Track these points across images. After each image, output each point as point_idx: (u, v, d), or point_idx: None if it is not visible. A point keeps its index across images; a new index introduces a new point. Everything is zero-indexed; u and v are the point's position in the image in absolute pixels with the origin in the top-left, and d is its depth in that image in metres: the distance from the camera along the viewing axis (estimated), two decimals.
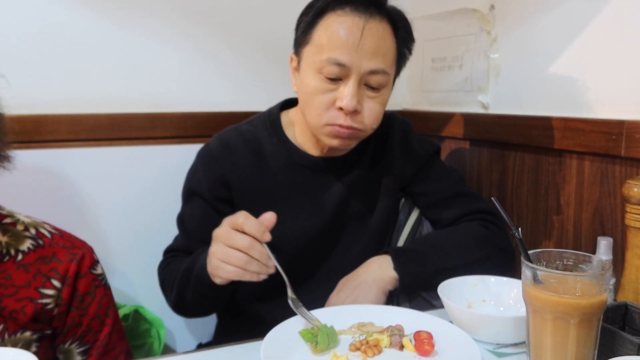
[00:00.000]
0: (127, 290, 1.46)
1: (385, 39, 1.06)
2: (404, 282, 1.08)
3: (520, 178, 1.34)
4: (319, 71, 1.05)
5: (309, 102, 1.08)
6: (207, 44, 1.50)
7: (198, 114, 1.50)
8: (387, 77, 1.08)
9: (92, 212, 1.43)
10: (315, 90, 1.06)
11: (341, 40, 1.03)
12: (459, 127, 1.52)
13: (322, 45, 1.05)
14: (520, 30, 1.33)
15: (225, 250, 0.91)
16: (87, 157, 1.40)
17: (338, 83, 1.05)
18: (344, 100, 1.03)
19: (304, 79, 1.08)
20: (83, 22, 1.37)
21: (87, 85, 1.40)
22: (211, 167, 1.17)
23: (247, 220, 0.90)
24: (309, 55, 1.07)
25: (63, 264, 1.00)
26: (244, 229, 0.89)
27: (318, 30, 1.06)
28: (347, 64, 1.03)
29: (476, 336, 0.89)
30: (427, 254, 1.11)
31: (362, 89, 1.06)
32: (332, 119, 1.06)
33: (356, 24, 1.03)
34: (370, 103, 1.08)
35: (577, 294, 0.73)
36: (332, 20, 1.04)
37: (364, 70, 1.04)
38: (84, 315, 1.04)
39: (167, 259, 1.20)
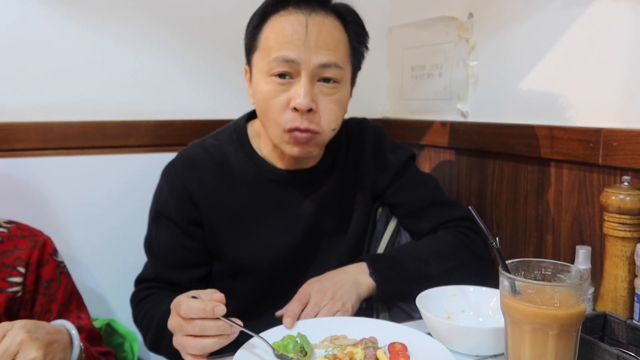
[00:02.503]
0: (99, 303, 1.42)
1: (332, 33, 1.04)
2: (380, 289, 1.06)
3: (500, 186, 1.34)
4: (269, 73, 1.02)
5: (265, 108, 1.05)
6: (182, 52, 1.48)
7: (174, 121, 1.47)
8: (341, 72, 1.04)
9: (63, 223, 1.39)
10: (268, 94, 1.03)
11: (286, 37, 1.01)
12: (438, 135, 1.52)
13: (269, 47, 1.03)
14: (499, 37, 1.33)
15: (182, 341, 0.84)
16: (59, 167, 1.37)
17: (290, 82, 1.02)
18: (297, 98, 1.00)
19: (257, 86, 1.06)
20: (53, 29, 1.34)
21: (58, 93, 1.37)
22: (176, 186, 1.12)
23: (189, 304, 0.82)
24: (259, 60, 1.05)
25: (25, 251, 1.01)
26: (190, 315, 0.82)
27: (264, 33, 1.04)
28: (295, 59, 1.00)
29: (455, 348, 0.88)
30: (403, 262, 1.09)
31: (316, 86, 1.03)
32: (289, 122, 1.02)
33: (299, 20, 1.02)
34: (325, 101, 1.04)
35: (556, 304, 0.71)
36: (276, 21, 1.03)
37: (314, 65, 1.01)
38: (52, 302, 1.04)
39: (139, 292, 1.14)
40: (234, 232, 1.11)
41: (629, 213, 0.94)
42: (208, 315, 0.81)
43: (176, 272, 1.10)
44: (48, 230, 1.34)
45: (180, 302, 0.83)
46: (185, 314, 0.82)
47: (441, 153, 1.54)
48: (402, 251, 1.15)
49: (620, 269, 0.96)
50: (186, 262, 1.12)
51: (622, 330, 0.84)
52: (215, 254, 1.13)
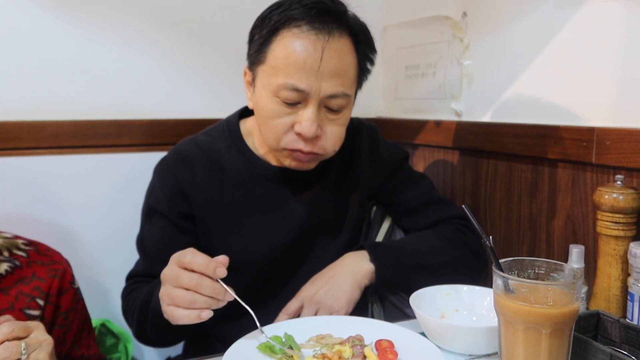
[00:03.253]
0: (93, 303, 1.39)
1: (345, 58, 1.00)
2: (379, 275, 1.06)
3: (494, 185, 1.34)
4: (275, 94, 0.99)
5: (266, 124, 1.02)
6: (175, 51, 1.47)
7: (167, 120, 1.46)
8: (348, 99, 1.03)
9: (56, 222, 1.38)
10: (272, 114, 1.00)
11: (298, 63, 0.96)
12: (432, 134, 1.52)
13: (277, 68, 0.98)
14: (492, 37, 1.33)
15: (171, 291, 0.82)
16: (51, 166, 1.35)
17: (296, 107, 1.00)
18: (303, 125, 0.98)
19: (260, 101, 1.03)
20: (45, 28, 1.33)
21: (50, 92, 1.35)
22: (169, 182, 1.11)
23: (195, 257, 0.82)
24: (264, 76, 1.01)
25: (45, 282, 0.95)
26: (192, 267, 0.81)
27: (273, 50, 0.99)
28: (305, 89, 0.97)
29: (448, 347, 0.88)
30: (403, 249, 1.10)
31: (322, 112, 1.01)
32: (290, 144, 1.01)
33: (314, 45, 0.96)
34: (330, 126, 1.03)
35: (549, 303, 0.71)
36: (288, 40, 0.97)
37: (324, 95, 0.98)
38: (67, 333, 1.00)
39: (130, 286, 1.13)
40: (225, 229, 1.11)
41: (622, 212, 0.94)
42: (208, 273, 0.80)
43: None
44: (39, 230, 1.33)
45: (185, 253, 0.82)
46: (188, 263, 0.81)
47: (435, 152, 1.54)
48: (401, 241, 1.16)
49: (613, 268, 0.96)
50: None
51: (616, 329, 0.84)
52: (207, 251, 1.12)
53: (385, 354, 0.83)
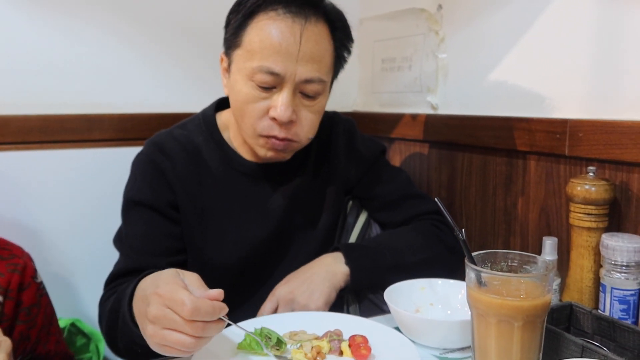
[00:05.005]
0: (62, 302, 1.37)
1: (322, 44, 1.00)
2: (355, 277, 1.05)
3: (469, 179, 1.34)
4: (250, 78, 0.98)
5: (241, 110, 1.01)
6: (144, 44, 1.45)
7: (137, 115, 1.44)
8: (324, 85, 1.02)
9: (22, 220, 1.34)
10: (247, 98, 0.99)
11: (274, 47, 0.95)
12: (408, 128, 1.51)
13: (253, 51, 0.97)
14: (468, 30, 1.32)
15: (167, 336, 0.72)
16: (17, 162, 1.32)
17: (271, 91, 0.99)
18: (278, 110, 0.98)
19: (235, 85, 1.01)
20: (10, 21, 1.30)
21: (16, 86, 1.32)
22: (150, 172, 1.08)
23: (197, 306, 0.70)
24: (240, 60, 1.00)
25: (4, 277, 0.93)
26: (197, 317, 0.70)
27: (249, 33, 0.98)
28: (281, 72, 0.96)
29: (422, 341, 0.87)
30: (378, 251, 1.09)
31: (297, 97, 1.00)
32: (266, 130, 1.01)
33: (291, 29, 0.96)
34: (305, 112, 1.02)
35: (521, 295, 0.71)
36: (264, 23, 0.97)
37: (299, 79, 0.98)
38: (32, 328, 0.97)
39: (107, 292, 1.04)
40: (203, 225, 1.09)
41: (594, 203, 0.95)
42: (214, 318, 0.72)
43: (154, 259, 1.03)
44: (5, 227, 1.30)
45: (181, 301, 0.70)
46: (190, 315, 0.70)
47: (411, 146, 1.53)
48: (377, 241, 1.14)
49: (585, 260, 0.96)
50: (166, 249, 1.06)
51: (588, 320, 0.84)
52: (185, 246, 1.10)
53: (359, 349, 0.82)
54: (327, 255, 1.09)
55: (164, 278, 0.76)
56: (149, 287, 0.78)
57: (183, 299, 0.70)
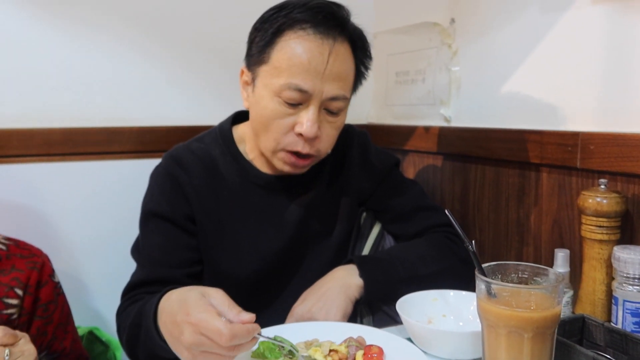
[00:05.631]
0: (82, 311, 1.40)
1: (346, 62, 1.03)
2: (369, 289, 1.05)
3: (482, 191, 1.34)
4: (277, 94, 1.00)
5: (266, 125, 1.03)
6: (164, 58, 1.48)
7: (156, 128, 1.47)
8: (346, 102, 1.06)
9: (45, 229, 1.38)
10: (273, 114, 1.01)
11: (303, 65, 0.97)
12: (422, 140, 1.52)
13: (281, 68, 0.99)
14: (480, 43, 1.34)
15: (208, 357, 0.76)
16: (41, 173, 1.36)
17: (298, 108, 1.01)
18: (304, 126, 1.00)
19: (260, 101, 1.03)
20: (36, 37, 1.34)
21: (40, 100, 1.36)
22: (168, 186, 1.10)
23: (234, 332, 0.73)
24: (266, 76, 1.02)
25: (24, 273, 0.98)
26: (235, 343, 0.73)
27: (277, 51, 1.00)
28: (309, 90, 0.98)
29: (434, 352, 0.88)
30: (391, 263, 1.10)
31: (321, 113, 1.03)
32: (290, 145, 1.03)
33: (319, 49, 0.98)
34: (328, 128, 1.05)
35: (532, 307, 0.71)
36: (293, 42, 0.99)
37: (326, 97, 1.00)
38: (48, 324, 1.01)
39: (125, 302, 1.06)
40: (219, 237, 1.11)
41: (606, 216, 0.95)
42: (250, 339, 0.76)
43: (170, 270, 1.06)
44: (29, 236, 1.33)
45: (218, 331, 0.73)
46: (229, 342, 0.72)
47: (425, 158, 1.54)
48: (390, 253, 1.15)
49: (598, 272, 0.96)
50: (183, 260, 1.08)
51: (600, 332, 0.84)
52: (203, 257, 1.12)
53: (371, 359, 0.83)
54: (341, 267, 1.10)
55: (193, 304, 0.77)
56: (177, 312, 0.79)
57: (220, 329, 0.72)
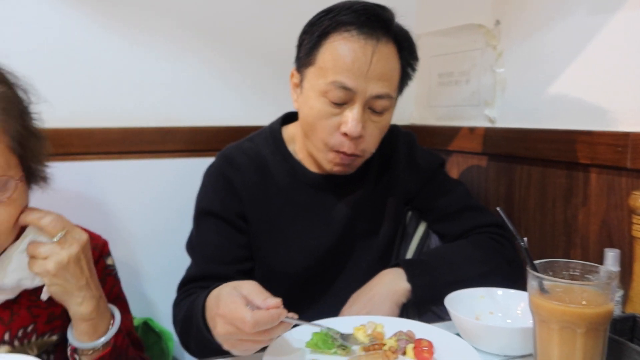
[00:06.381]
0: (137, 303, 1.46)
1: (391, 63, 1.05)
2: (416, 294, 1.07)
3: (527, 191, 1.35)
4: (323, 94, 1.03)
5: (313, 125, 1.06)
6: (215, 61, 1.53)
7: (207, 128, 1.52)
8: (391, 101, 1.07)
9: (102, 224, 1.43)
10: (319, 114, 1.04)
11: (347, 64, 1.01)
12: (466, 141, 1.53)
13: (326, 69, 1.02)
14: (526, 44, 1.35)
15: (239, 346, 0.81)
16: (99, 170, 1.42)
17: (343, 107, 1.04)
18: (349, 125, 1.02)
19: (307, 102, 1.07)
20: (96, 41, 1.41)
21: (99, 101, 1.43)
22: (221, 184, 1.14)
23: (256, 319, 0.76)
24: (313, 77, 1.06)
25: None
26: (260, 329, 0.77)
27: (322, 52, 1.04)
28: (353, 88, 1.01)
29: (483, 347, 0.89)
30: (438, 266, 1.11)
31: (366, 113, 1.05)
32: (336, 145, 1.05)
33: (363, 49, 1.01)
34: (372, 127, 1.06)
35: (584, 303, 0.73)
36: (338, 43, 1.02)
37: (370, 95, 1.02)
38: None
39: (180, 295, 1.11)
40: (269, 235, 1.14)
41: None
42: (275, 324, 0.78)
43: (223, 267, 1.10)
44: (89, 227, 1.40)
45: (242, 318, 0.76)
46: (253, 329, 0.76)
47: (469, 159, 1.55)
48: (436, 255, 1.16)
49: None
50: (235, 257, 1.12)
51: None
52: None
53: (422, 352, 0.85)
54: (388, 271, 1.11)
55: (223, 297, 0.82)
56: (213, 307, 0.85)
57: (243, 317, 0.77)
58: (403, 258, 1.26)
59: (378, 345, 0.89)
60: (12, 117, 0.86)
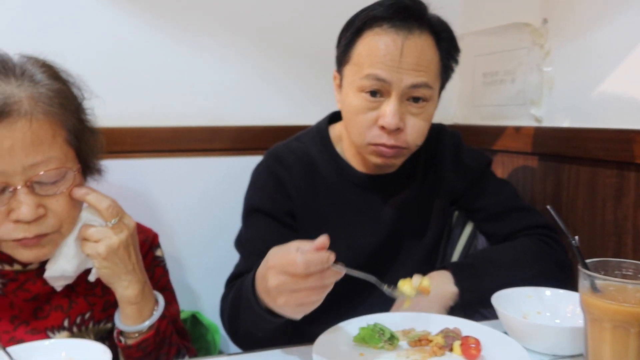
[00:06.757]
0: (186, 296, 1.51)
1: (426, 53, 1.04)
2: (464, 297, 1.07)
3: (576, 191, 1.33)
4: (360, 89, 1.05)
5: (352, 120, 1.08)
6: (262, 62, 1.57)
7: (254, 127, 1.56)
8: (431, 91, 1.06)
9: (152, 220, 1.48)
10: (357, 109, 1.06)
11: (379, 57, 1.02)
12: (511, 140, 1.52)
13: (360, 63, 1.05)
14: (575, 43, 1.33)
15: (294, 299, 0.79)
16: (151, 168, 1.48)
17: (380, 101, 1.04)
18: (386, 118, 1.03)
19: (346, 98, 1.09)
20: (147, 41, 1.46)
21: (151, 101, 1.48)
22: (270, 182, 1.16)
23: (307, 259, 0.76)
24: (350, 74, 1.08)
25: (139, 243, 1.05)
26: (310, 270, 0.77)
27: (357, 48, 1.06)
28: (387, 79, 1.02)
29: (531, 346, 0.89)
30: (486, 270, 1.10)
31: (404, 105, 1.05)
32: (375, 138, 1.06)
33: (394, 42, 1.02)
34: (413, 119, 1.06)
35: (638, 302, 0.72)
36: (370, 39, 1.04)
37: (405, 85, 1.03)
38: None
39: (229, 290, 1.11)
40: (317, 234, 1.14)
41: None
42: (326, 266, 0.78)
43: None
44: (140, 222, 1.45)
45: (293, 261, 0.76)
46: (305, 270, 0.76)
47: (514, 158, 1.54)
48: (484, 258, 1.15)
49: None
50: None
51: None
52: None
53: (469, 349, 0.86)
54: (436, 274, 1.10)
55: (272, 252, 0.83)
56: (262, 267, 0.86)
57: (293, 259, 0.76)
58: (449, 259, 1.26)
59: (425, 341, 0.90)
60: (68, 112, 0.91)
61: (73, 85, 0.97)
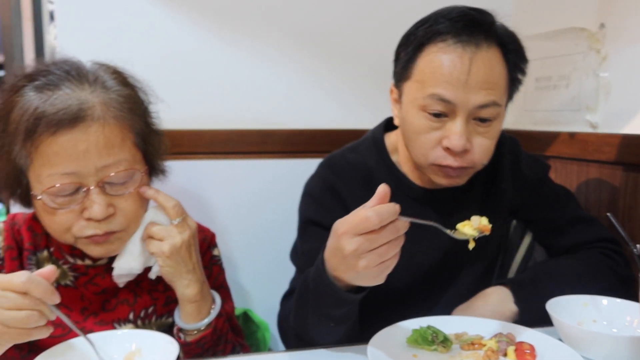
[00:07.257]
0: (238, 293, 1.55)
1: (494, 69, 0.98)
2: (524, 317, 1.02)
3: (634, 199, 1.30)
4: (422, 109, 0.99)
5: (413, 140, 1.02)
6: (314, 67, 1.59)
7: (305, 131, 1.59)
8: (499, 108, 1.00)
9: (206, 220, 1.53)
10: (419, 129, 1.00)
11: (444, 75, 0.95)
12: (565, 146, 1.50)
13: (423, 81, 0.98)
14: (633, 48, 1.30)
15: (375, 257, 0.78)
16: (206, 169, 1.53)
17: (443, 120, 0.98)
18: (452, 140, 0.97)
19: (406, 117, 1.03)
20: (204, 49, 1.51)
21: (207, 105, 1.53)
22: (327, 194, 1.12)
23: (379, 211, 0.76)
24: (411, 91, 1.02)
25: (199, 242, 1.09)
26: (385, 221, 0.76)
27: (418, 65, 0.99)
28: (452, 100, 0.96)
29: (588, 355, 0.88)
30: (546, 287, 1.04)
31: (471, 124, 0.99)
32: (439, 159, 1.00)
33: (460, 58, 0.95)
34: (480, 139, 1.00)
35: None
36: (434, 55, 0.97)
37: (472, 106, 0.96)
38: None
39: (285, 306, 1.09)
40: None
41: None
42: (397, 214, 0.77)
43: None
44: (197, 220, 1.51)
45: (364, 217, 0.76)
46: (379, 222, 0.75)
47: (568, 164, 1.51)
48: (545, 273, 1.10)
49: None
50: None
51: None
52: None
53: (524, 355, 0.86)
54: (494, 290, 1.07)
55: (337, 222, 0.82)
56: (331, 240, 0.84)
57: (365, 214, 0.76)
58: (507, 270, 1.22)
59: (478, 345, 0.90)
60: (136, 116, 0.97)
61: (140, 90, 1.02)
